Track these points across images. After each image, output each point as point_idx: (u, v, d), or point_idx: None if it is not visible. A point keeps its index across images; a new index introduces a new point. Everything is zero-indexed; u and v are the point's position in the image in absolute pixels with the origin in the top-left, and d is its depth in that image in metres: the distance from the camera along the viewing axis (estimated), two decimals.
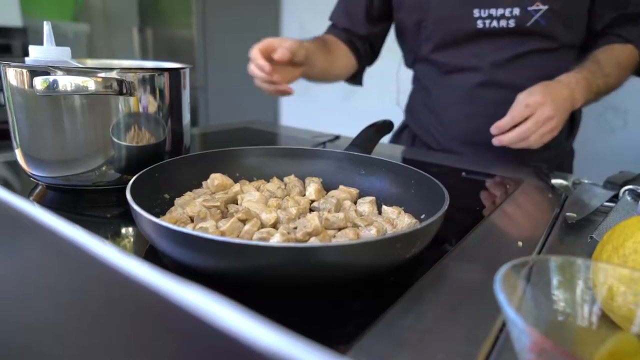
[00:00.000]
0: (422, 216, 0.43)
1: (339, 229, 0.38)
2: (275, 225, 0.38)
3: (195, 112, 2.02)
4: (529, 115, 0.68)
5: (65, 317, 0.21)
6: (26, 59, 0.51)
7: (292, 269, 0.28)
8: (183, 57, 1.99)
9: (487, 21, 0.80)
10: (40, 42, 0.50)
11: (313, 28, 2.10)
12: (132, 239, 0.41)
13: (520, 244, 0.44)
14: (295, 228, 0.36)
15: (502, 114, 0.83)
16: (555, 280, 0.26)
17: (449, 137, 0.89)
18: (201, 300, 0.13)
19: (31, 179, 0.53)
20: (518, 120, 0.68)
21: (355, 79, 1.05)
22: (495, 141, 0.71)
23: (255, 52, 0.75)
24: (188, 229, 0.28)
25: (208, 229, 0.35)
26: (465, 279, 0.37)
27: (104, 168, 0.50)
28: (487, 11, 0.79)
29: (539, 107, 0.67)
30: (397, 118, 1.11)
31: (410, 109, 1.02)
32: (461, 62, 0.84)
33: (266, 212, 0.38)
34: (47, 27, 0.50)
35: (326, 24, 1.03)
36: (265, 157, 0.53)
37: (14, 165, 0.59)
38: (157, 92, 0.50)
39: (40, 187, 0.53)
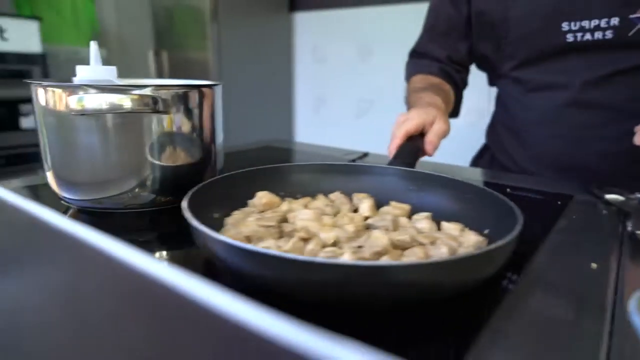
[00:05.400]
0: (486, 232, 0.40)
1: (404, 248, 0.35)
2: (335, 244, 0.35)
3: None
4: None
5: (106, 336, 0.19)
6: (74, 78, 0.50)
7: (371, 288, 0.25)
8: (198, 79, 2.00)
9: (579, 34, 0.68)
10: (59, 68, 0.50)
11: (325, 50, 2.11)
12: (166, 264, 0.38)
13: (594, 265, 0.40)
14: (360, 247, 0.33)
15: (589, 137, 0.72)
16: None
17: (530, 160, 0.80)
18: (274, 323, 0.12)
19: (62, 201, 0.51)
20: None
21: (454, 112, 0.90)
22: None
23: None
24: (267, 249, 0.26)
25: (270, 249, 0.32)
26: (550, 305, 0.33)
27: (136, 190, 0.47)
28: (578, 23, 0.68)
29: None
30: None
31: (491, 130, 0.92)
32: (548, 79, 0.74)
33: (324, 231, 0.35)
34: (93, 47, 0.49)
35: (337, 44, 0.90)
36: (308, 174, 0.50)
37: (43, 188, 0.57)
38: (191, 109, 0.48)
39: (71, 210, 0.50)
